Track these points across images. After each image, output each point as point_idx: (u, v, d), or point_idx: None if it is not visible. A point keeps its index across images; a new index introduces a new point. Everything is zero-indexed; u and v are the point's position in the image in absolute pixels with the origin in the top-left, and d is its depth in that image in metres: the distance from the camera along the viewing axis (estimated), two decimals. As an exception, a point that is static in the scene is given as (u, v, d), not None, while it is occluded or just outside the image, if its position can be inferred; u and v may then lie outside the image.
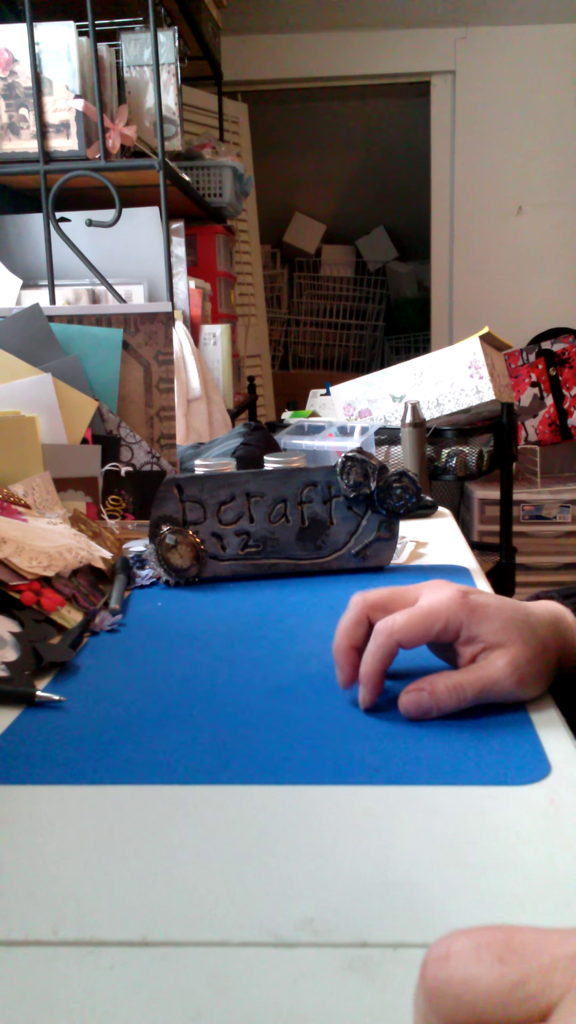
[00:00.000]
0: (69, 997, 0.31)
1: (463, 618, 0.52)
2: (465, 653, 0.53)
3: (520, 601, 0.56)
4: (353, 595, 0.57)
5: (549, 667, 0.53)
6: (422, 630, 0.52)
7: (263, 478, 0.81)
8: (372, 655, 0.53)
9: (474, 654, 0.52)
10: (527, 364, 3.19)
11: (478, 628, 0.52)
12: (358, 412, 2.01)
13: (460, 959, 0.24)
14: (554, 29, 3.38)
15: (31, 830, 0.42)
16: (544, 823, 0.41)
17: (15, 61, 1.77)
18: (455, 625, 0.52)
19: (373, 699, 0.53)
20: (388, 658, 0.53)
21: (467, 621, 0.52)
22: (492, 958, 0.24)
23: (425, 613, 0.52)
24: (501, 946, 0.24)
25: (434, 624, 0.52)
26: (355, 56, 3.49)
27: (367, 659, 0.53)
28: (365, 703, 0.53)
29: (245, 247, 3.41)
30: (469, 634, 0.52)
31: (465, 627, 0.52)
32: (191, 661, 0.63)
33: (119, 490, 1.04)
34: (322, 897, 0.36)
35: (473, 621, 0.52)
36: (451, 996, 0.24)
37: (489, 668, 0.51)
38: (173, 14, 2.22)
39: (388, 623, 0.53)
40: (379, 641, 0.52)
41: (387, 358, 4.70)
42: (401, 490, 0.80)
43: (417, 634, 0.52)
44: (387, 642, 0.52)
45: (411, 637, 0.52)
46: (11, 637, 0.63)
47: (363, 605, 0.56)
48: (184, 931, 0.34)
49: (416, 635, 0.52)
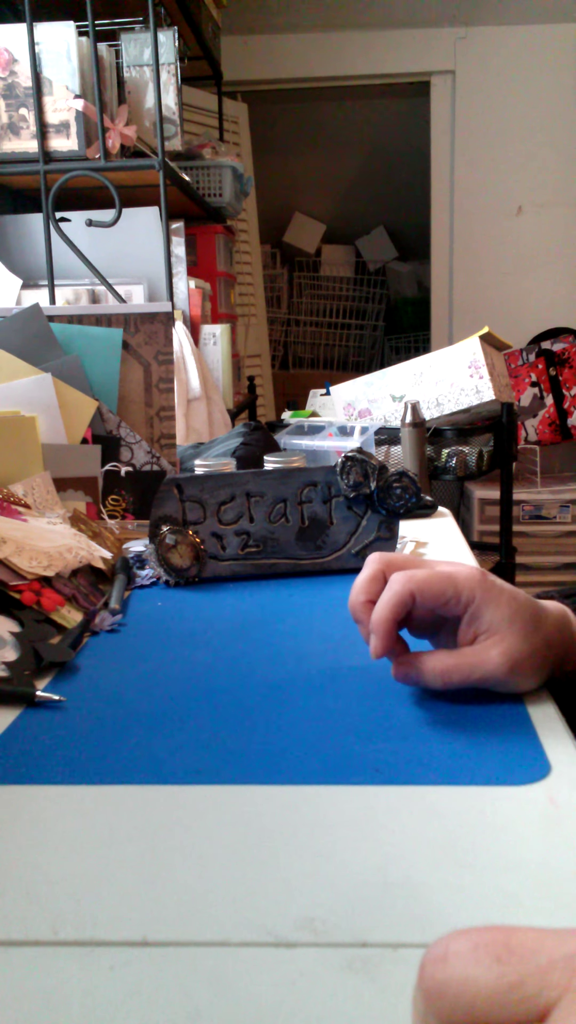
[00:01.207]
0: (69, 997, 0.31)
1: (478, 594, 0.51)
2: (466, 632, 0.52)
3: (533, 596, 0.56)
4: (371, 554, 0.56)
5: (547, 663, 0.53)
6: (438, 590, 0.51)
7: (263, 478, 0.81)
8: (385, 602, 0.52)
9: (475, 635, 0.52)
10: (527, 364, 3.19)
11: (486, 610, 0.51)
12: (358, 412, 2.01)
13: (458, 959, 0.24)
14: (554, 29, 3.38)
15: (31, 830, 0.42)
16: (544, 823, 0.41)
17: (15, 61, 1.77)
18: (468, 598, 0.51)
19: (385, 648, 0.52)
20: (401, 607, 0.51)
21: (480, 599, 0.51)
22: (490, 958, 0.24)
23: (445, 576, 0.52)
24: (499, 946, 0.24)
25: (449, 589, 0.51)
26: (355, 56, 3.49)
27: (379, 605, 0.52)
28: (376, 652, 0.52)
29: (245, 247, 3.41)
30: (476, 613, 0.51)
31: (475, 604, 0.51)
32: (191, 661, 0.63)
33: (119, 490, 1.04)
34: (322, 897, 0.36)
35: (484, 601, 0.51)
36: (449, 996, 0.24)
37: (482, 655, 0.51)
38: (173, 14, 2.22)
39: (407, 573, 0.52)
40: (394, 588, 0.51)
41: (387, 358, 4.69)
42: (401, 490, 0.80)
43: (433, 592, 0.51)
44: (402, 589, 0.51)
45: (426, 592, 0.51)
46: (11, 637, 0.63)
47: (381, 561, 0.55)
48: (184, 931, 0.34)
49: (432, 592, 0.51)
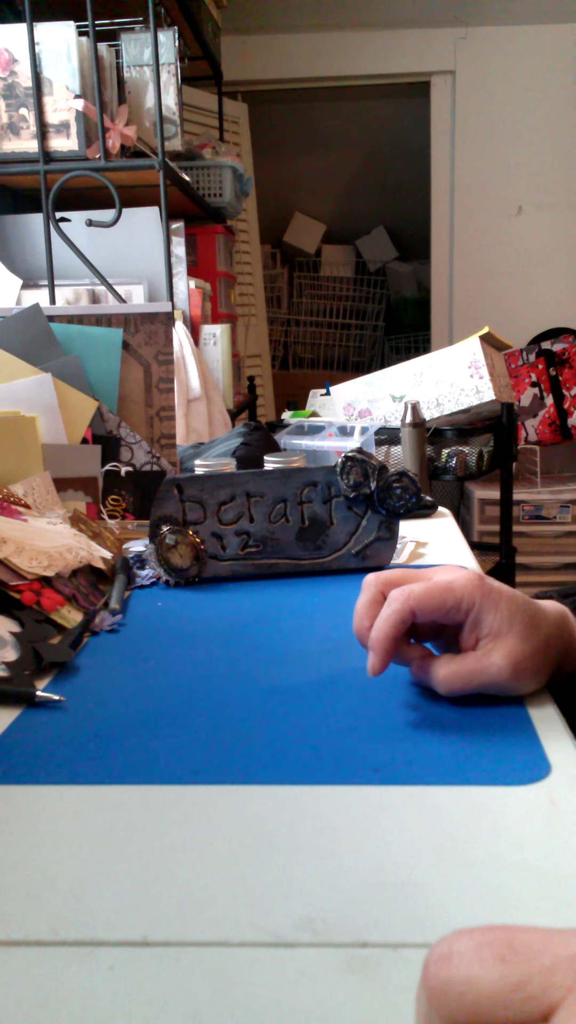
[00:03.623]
0: (69, 997, 0.31)
1: (477, 599, 0.51)
2: (468, 637, 0.52)
3: (530, 596, 0.57)
4: (366, 577, 0.56)
5: (548, 664, 0.53)
6: (438, 602, 0.51)
7: (263, 478, 0.81)
8: (385, 620, 0.52)
9: (477, 640, 0.52)
10: (527, 364, 3.19)
11: (486, 615, 0.51)
12: (358, 412, 2.01)
13: (462, 959, 0.24)
14: (554, 29, 3.38)
15: (31, 830, 0.42)
16: (544, 823, 0.41)
17: (15, 61, 1.77)
18: (468, 605, 0.51)
19: (383, 666, 0.52)
20: (401, 624, 0.52)
21: (480, 604, 0.51)
22: (494, 958, 0.24)
23: (443, 587, 0.52)
24: (503, 946, 0.24)
25: (449, 599, 0.51)
26: (355, 56, 3.49)
27: (379, 623, 0.52)
28: (373, 669, 0.52)
29: (245, 247, 3.41)
30: (477, 618, 0.52)
31: (476, 610, 0.52)
32: (191, 661, 0.63)
33: (119, 490, 1.04)
34: (322, 897, 0.36)
35: (484, 607, 0.51)
36: (453, 996, 0.24)
37: (485, 661, 0.51)
38: (173, 14, 2.22)
39: (405, 590, 0.52)
40: (393, 606, 0.52)
41: (387, 358, 4.70)
42: (401, 490, 0.80)
43: (432, 605, 0.51)
44: (402, 608, 0.51)
45: (426, 606, 0.51)
46: (11, 637, 0.63)
47: (378, 583, 0.55)
48: (184, 931, 0.34)
49: (431, 606, 0.51)
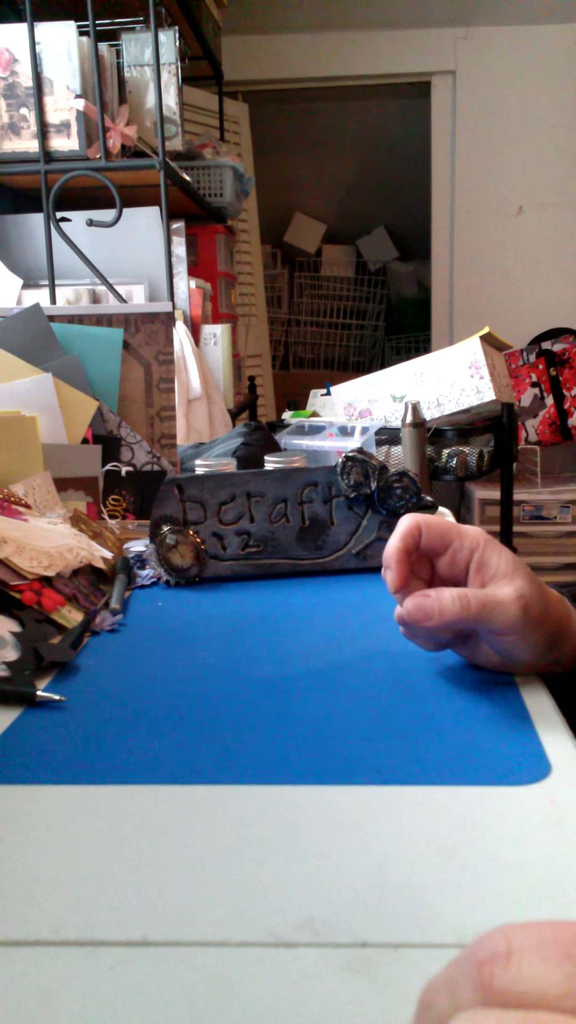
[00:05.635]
0: (69, 997, 0.31)
1: (481, 543, 0.56)
2: (475, 580, 0.56)
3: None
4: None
5: (549, 629, 0.54)
6: (443, 529, 0.56)
7: (263, 478, 0.81)
8: (395, 535, 0.57)
9: (482, 583, 0.55)
10: (527, 364, 3.19)
11: (491, 555, 0.55)
12: (358, 412, 2.01)
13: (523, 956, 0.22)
14: (554, 29, 3.38)
15: (31, 830, 0.42)
16: (544, 823, 0.41)
17: (16, 61, 1.77)
18: (472, 544, 0.56)
19: (401, 580, 0.56)
20: (409, 537, 0.56)
21: (484, 546, 0.56)
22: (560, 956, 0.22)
23: (452, 523, 0.57)
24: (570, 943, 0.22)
25: (453, 531, 0.56)
26: (355, 56, 3.49)
27: (390, 540, 0.57)
28: (393, 585, 0.56)
29: (245, 247, 3.41)
30: (482, 559, 0.55)
31: (480, 550, 0.55)
32: (191, 661, 0.63)
33: (119, 490, 1.04)
34: (322, 897, 0.36)
35: (489, 548, 0.56)
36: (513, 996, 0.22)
37: (497, 590, 0.54)
38: (173, 14, 2.22)
39: (414, 514, 0.58)
40: (403, 524, 0.57)
41: (387, 358, 4.69)
42: (401, 490, 0.80)
43: (439, 529, 0.56)
44: (409, 522, 0.57)
45: (432, 528, 0.56)
46: (12, 637, 0.63)
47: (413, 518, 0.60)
48: (184, 931, 0.34)
49: (437, 531, 0.56)
